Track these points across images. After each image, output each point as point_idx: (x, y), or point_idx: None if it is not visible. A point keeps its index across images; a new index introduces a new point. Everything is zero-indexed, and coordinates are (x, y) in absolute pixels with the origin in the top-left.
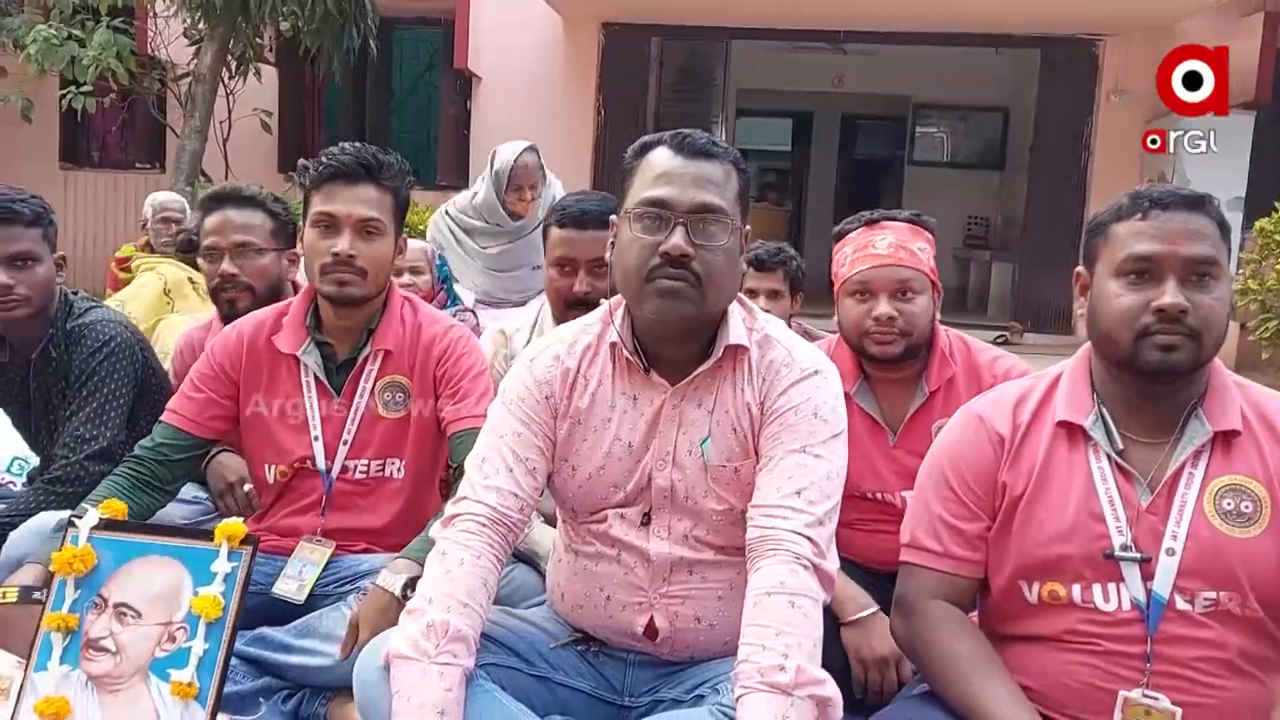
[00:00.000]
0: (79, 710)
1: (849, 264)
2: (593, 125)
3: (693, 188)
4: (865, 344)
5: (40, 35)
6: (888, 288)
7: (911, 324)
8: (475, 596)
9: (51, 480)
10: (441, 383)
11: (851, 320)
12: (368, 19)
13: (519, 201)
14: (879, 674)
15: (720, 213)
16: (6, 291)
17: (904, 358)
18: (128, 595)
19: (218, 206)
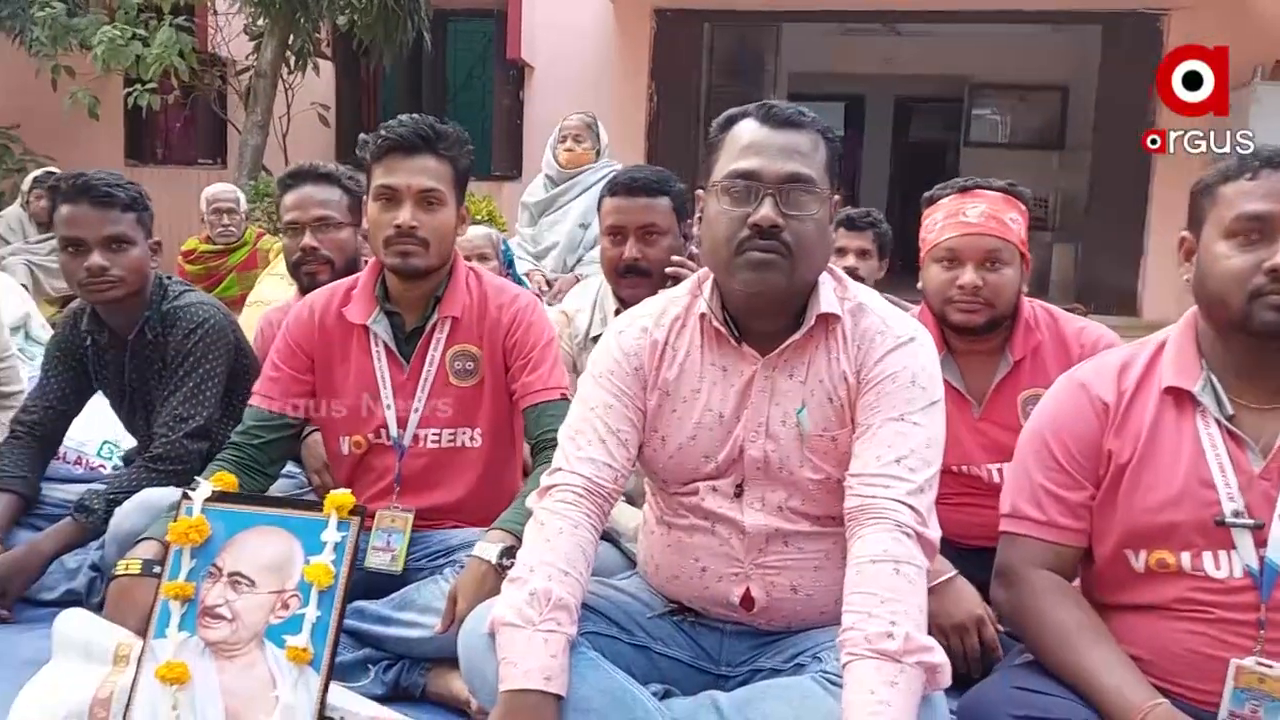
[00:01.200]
0: (198, 675)
1: (938, 230)
2: (645, 112)
3: (781, 158)
4: (948, 311)
5: (106, 35)
6: (975, 256)
7: (996, 294)
8: (575, 565)
9: (152, 458)
10: (511, 353)
11: (936, 286)
12: (422, 12)
13: (565, 151)
14: (959, 640)
15: (809, 182)
16: (101, 273)
17: (986, 329)
18: (241, 564)
19: (297, 183)
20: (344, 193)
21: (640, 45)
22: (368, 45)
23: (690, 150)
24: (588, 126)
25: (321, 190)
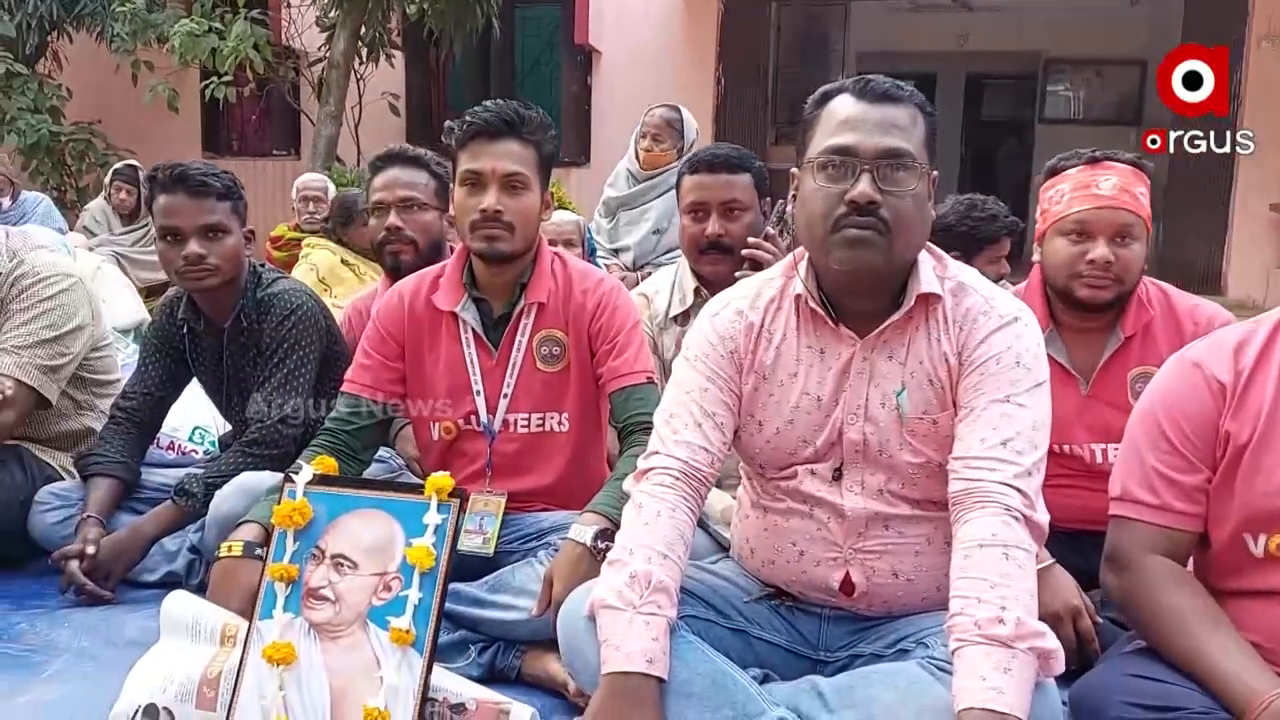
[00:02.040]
0: (303, 656)
1: (1066, 201)
2: (712, 95)
3: (878, 132)
4: (1074, 286)
5: (183, 29)
6: (1108, 230)
7: (1126, 270)
8: (674, 548)
9: (248, 443)
10: (597, 337)
11: (1062, 260)
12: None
13: (644, 151)
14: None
15: (907, 157)
16: (198, 261)
17: (1109, 305)
18: (343, 546)
19: (386, 165)
20: (431, 176)
21: (708, 28)
22: (438, 34)
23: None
24: (669, 124)
25: (408, 172)
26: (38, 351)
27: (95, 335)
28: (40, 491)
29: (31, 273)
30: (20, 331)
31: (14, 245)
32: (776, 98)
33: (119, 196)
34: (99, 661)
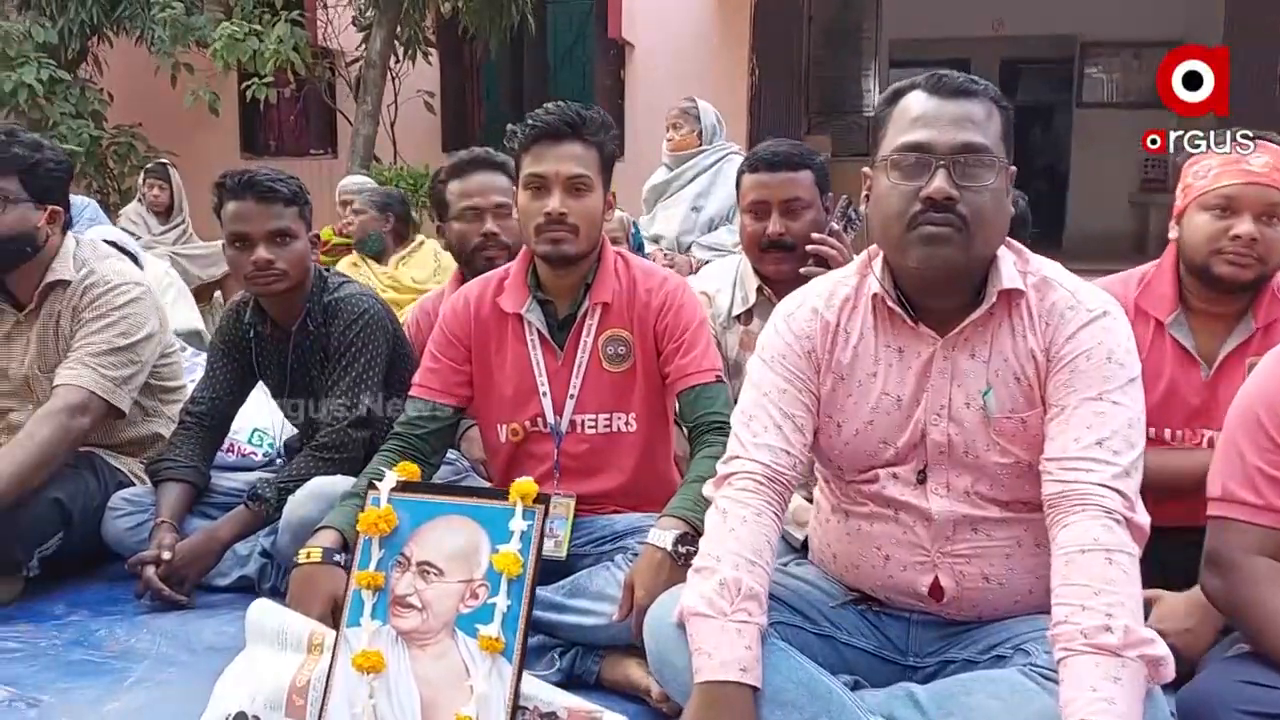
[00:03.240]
0: (392, 664)
1: (1213, 176)
2: (746, 86)
3: (953, 128)
4: (1213, 263)
5: (225, 31)
6: (1255, 207)
7: (1270, 250)
8: (761, 554)
9: (317, 446)
10: (663, 336)
11: (1203, 236)
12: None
13: (668, 141)
14: None
15: (984, 151)
16: (267, 266)
17: (1246, 287)
18: (428, 553)
19: (471, 170)
20: (511, 181)
21: (741, 18)
22: (472, 31)
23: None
24: (684, 112)
25: (496, 177)
26: (110, 360)
27: (163, 342)
28: (113, 497)
29: (102, 282)
30: (92, 341)
31: (84, 255)
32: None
33: (152, 194)
34: (180, 667)
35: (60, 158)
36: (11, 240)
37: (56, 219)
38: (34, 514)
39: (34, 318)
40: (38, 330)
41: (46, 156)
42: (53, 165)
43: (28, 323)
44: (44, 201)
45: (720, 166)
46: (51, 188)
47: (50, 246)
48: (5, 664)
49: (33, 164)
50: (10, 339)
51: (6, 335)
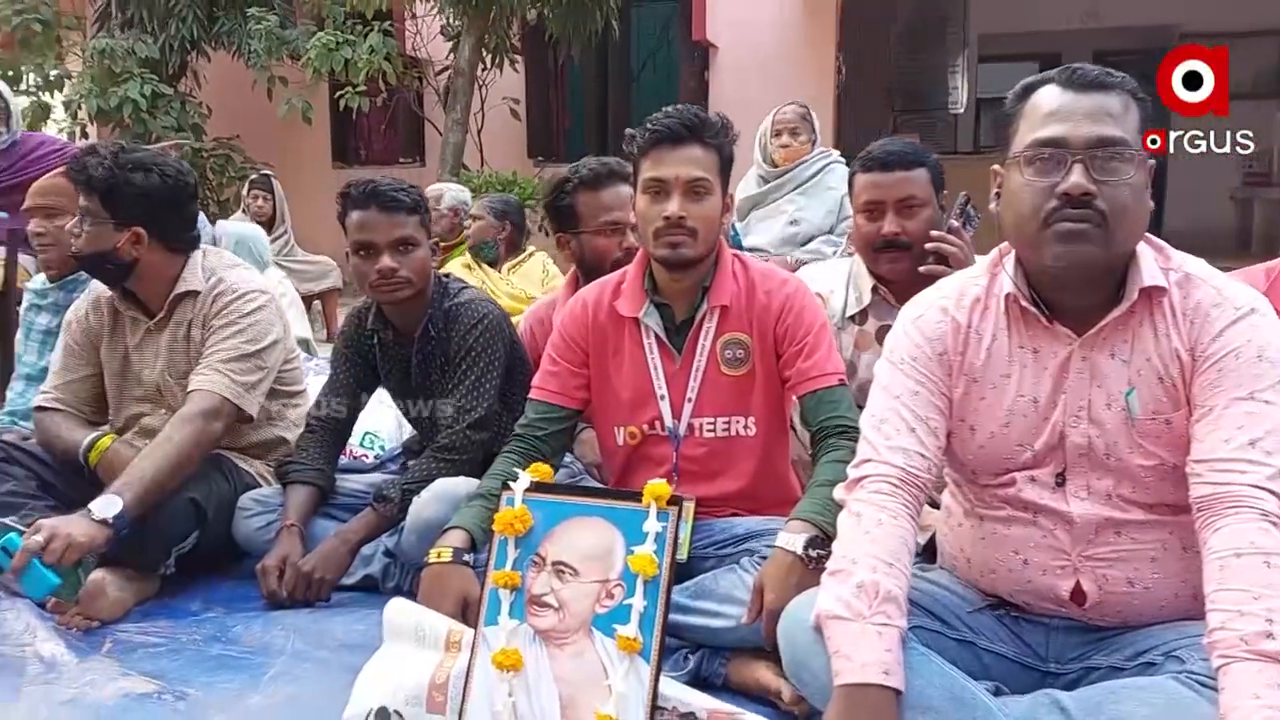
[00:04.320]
0: (530, 662)
1: None
2: (833, 84)
3: (1088, 122)
4: None
5: (319, 42)
6: None
7: None
8: (899, 557)
9: (439, 448)
10: (783, 339)
11: None
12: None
13: (781, 148)
14: None
15: (1122, 145)
16: (391, 274)
17: None
18: (563, 554)
19: (608, 182)
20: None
21: (827, 17)
22: (557, 38)
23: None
24: (803, 118)
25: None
26: (240, 366)
27: (286, 348)
28: (242, 498)
29: (230, 290)
30: (223, 347)
31: (211, 264)
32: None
33: (256, 205)
34: (315, 663)
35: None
36: (90, 259)
37: (140, 240)
38: (172, 514)
39: (164, 326)
40: (167, 338)
41: (132, 178)
42: (138, 186)
43: (158, 331)
44: (127, 223)
45: (821, 178)
46: (131, 207)
47: (151, 264)
48: (151, 658)
49: (112, 185)
50: (142, 346)
51: (139, 343)
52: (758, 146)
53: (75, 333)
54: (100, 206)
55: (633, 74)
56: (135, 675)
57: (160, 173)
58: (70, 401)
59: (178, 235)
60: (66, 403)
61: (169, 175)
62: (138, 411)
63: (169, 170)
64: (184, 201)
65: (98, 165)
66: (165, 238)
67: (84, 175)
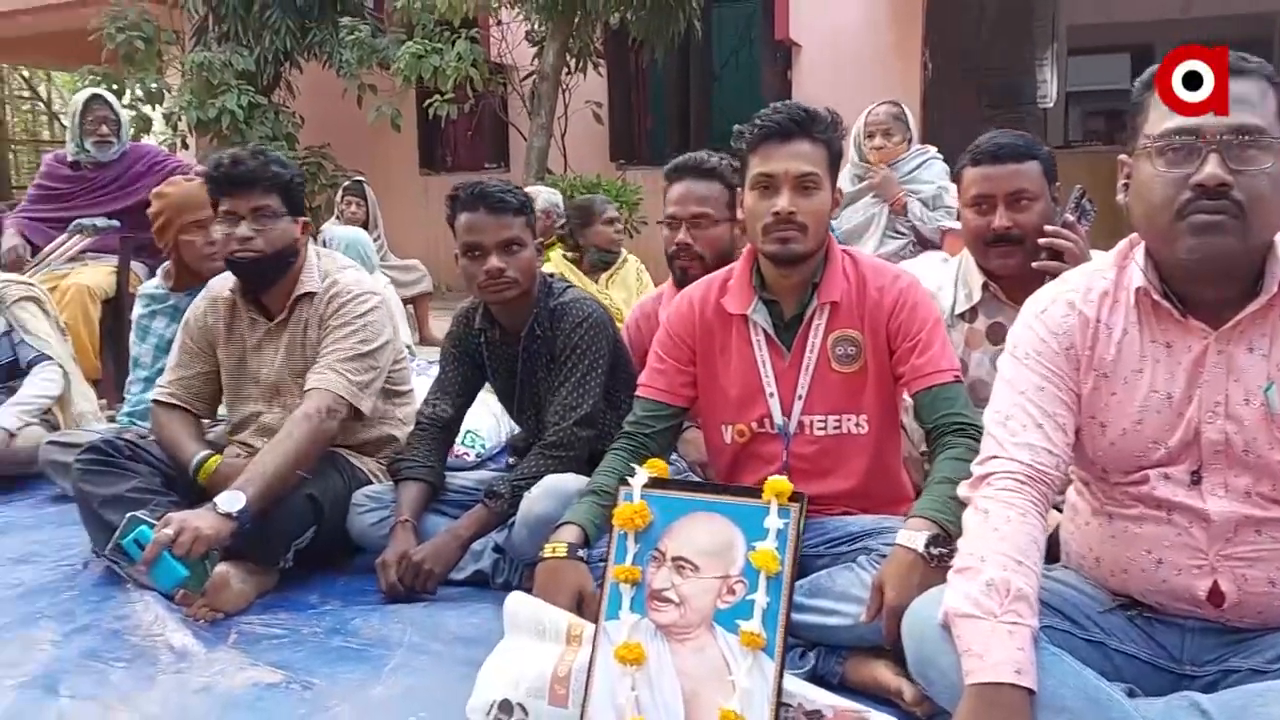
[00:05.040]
0: (652, 657)
1: None
2: (919, 80)
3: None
4: None
5: (408, 51)
6: None
7: None
8: (1028, 555)
9: (546, 445)
10: (896, 335)
11: None
12: (693, 2)
13: (874, 149)
14: None
15: (1260, 133)
16: (499, 274)
17: None
18: (683, 549)
19: (680, 176)
20: (724, 187)
21: (913, 11)
22: (640, 40)
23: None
24: (895, 118)
25: (701, 185)
26: (355, 365)
27: (395, 348)
28: (356, 494)
29: (345, 291)
30: (339, 347)
31: (325, 267)
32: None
33: (350, 211)
34: (431, 655)
35: (298, 171)
36: (280, 254)
37: (307, 229)
38: (291, 509)
39: (284, 327)
40: (286, 338)
41: (295, 171)
42: (300, 179)
43: (278, 331)
44: (297, 214)
45: (917, 174)
46: (300, 200)
47: (300, 257)
48: (274, 649)
49: (288, 180)
50: (261, 346)
51: (257, 343)
52: (852, 145)
53: (193, 331)
54: (281, 203)
55: (714, 74)
56: (262, 665)
57: (295, 166)
58: (184, 397)
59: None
60: (180, 398)
61: (298, 169)
62: (254, 410)
63: (294, 164)
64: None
65: (269, 164)
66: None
67: (266, 174)
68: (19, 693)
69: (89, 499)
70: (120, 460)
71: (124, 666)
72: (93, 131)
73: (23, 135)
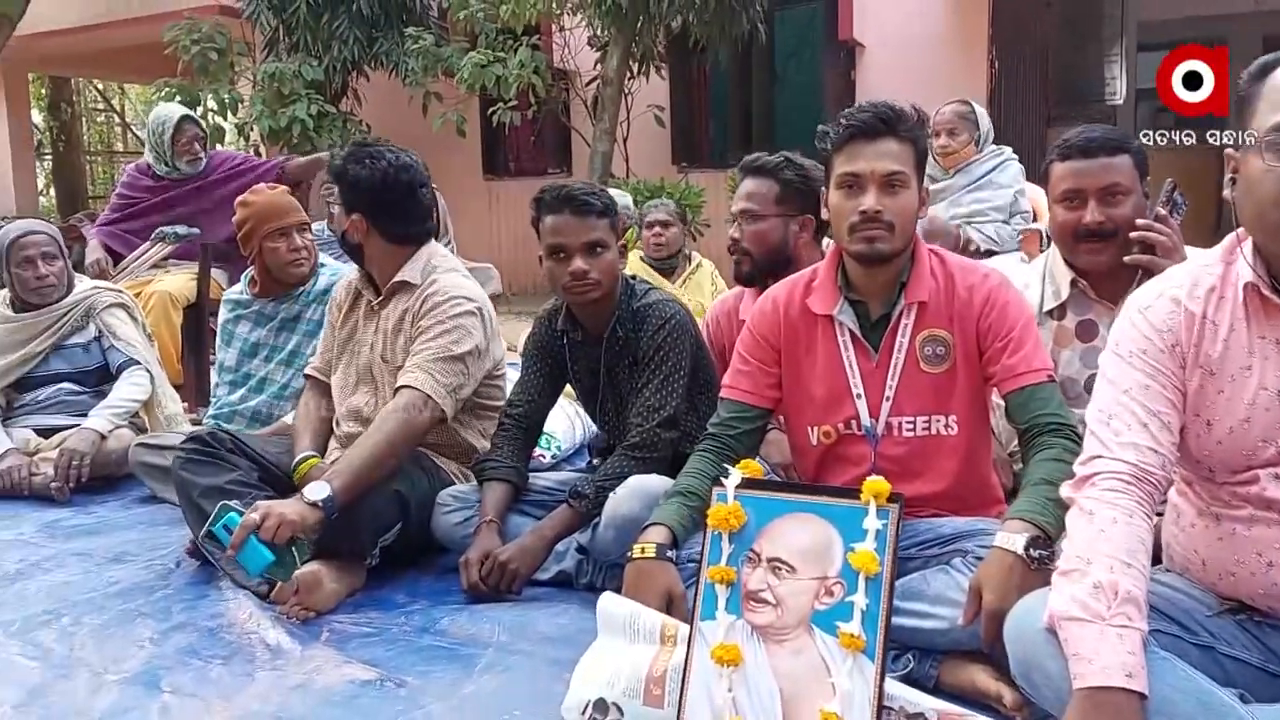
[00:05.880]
0: (749, 658)
1: None
2: (985, 79)
3: None
4: None
5: (472, 59)
6: None
7: None
8: (1136, 557)
9: (629, 446)
10: (987, 335)
11: None
12: (756, 4)
13: (942, 150)
14: None
15: None
16: (583, 276)
17: None
18: (779, 550)
19: (743, 175)
20: (776, 184)
21: (979, 9)
22: (703, 43)
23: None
24: (961, 117)
25: (754, 182)
26: (445, 367)
27: (493, 359)
28: (441, 494)
29: (440, 292)
30: (431, 346)
31: (434, 264)
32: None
33: None
34: (522, 655)
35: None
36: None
37: (362, 227)
38: (379, 503)
39: (383, 307)
40: (382, 322)
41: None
42: (353, 177)
43: (378, 311)
44: (350, 209)
45: (991, 176)
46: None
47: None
48: (367, 647)
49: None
50: (365, 325)
51: (363, 320)
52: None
53: (331, 308)
54: (338, 192)
55: (776, 76)
56: (356, 663)
57: (375, 168)
58: (325, 370)
59: (391, 227)
60: (322, 371)
61: (385, 171)
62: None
63: (388, 167)
64: (397, 197)
65: (338, 157)
66: (379, 226)
67: (335, 166)
68: (122, 689)
69: (188, 487)
70: (221, 452)
71: (222, 663)
72: (186, 150)
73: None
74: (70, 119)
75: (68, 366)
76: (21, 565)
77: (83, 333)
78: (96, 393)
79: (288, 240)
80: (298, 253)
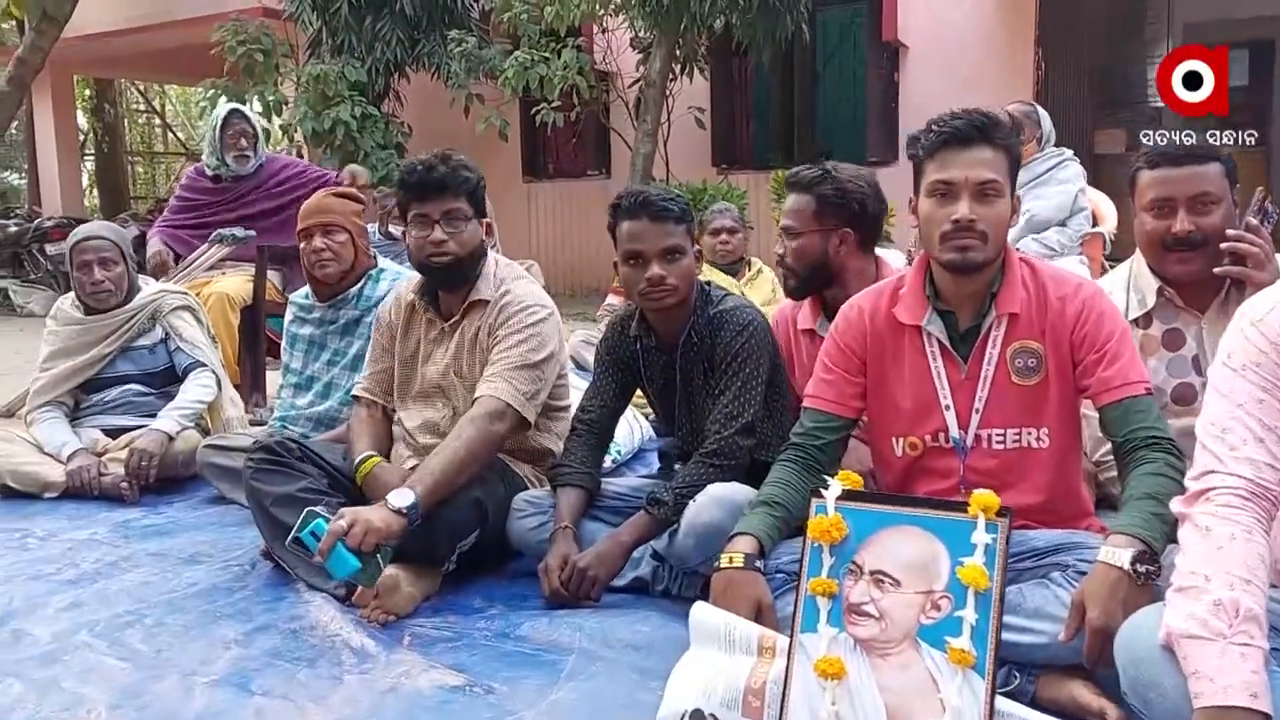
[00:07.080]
0: (852, 672)
1: None
2: (1031, 80)
3: None
4: None
5: (515, 61)
6: None
7: None
8: (1256, 574)
9: (707, 454)
10: (1081, 346)
11: None
12: (800, 5)
13: None
14: None
15: None
16: (660, 282)
17: None
18: (883, 563)
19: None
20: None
21: (1025, 10)
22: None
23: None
24: (1025, 116)
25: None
26: (524, 375)
27: (560, 362)
28: (515, 499)
29: (516, 301)
30: (507, 356)
31: (502, 274)
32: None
33: None
34: (605, 662)
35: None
36: (471, 255)
37: (491, 231)
38: (459, 510)
39: (455, 329)
40: (456, 341)
41: (479, 175)
42: (483, 182)
43: (450, 333)
44: (481, 216)
45: (1051, 175)
46: (483, 201)
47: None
48: (450, 652)
49: (475, 183)
50: (433, 346)
51: (430, 343)
52: None
53: (380, 327)
54: (469, 205)
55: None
56: (441, 668)
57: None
58: (375, 390)
59: None
60: (372, 391)
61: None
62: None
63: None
64: None
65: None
66: None
67: (457, 179)
68: (214, 691)
69: (261, 497)
70: (290, 460)
71: (308, 666)
72: (232, 145)
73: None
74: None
75: (134, 368)
76: (99, 565)
77: (149, 335)
78: (163, 394)
79: (309, 241)
80: (318, 254)
